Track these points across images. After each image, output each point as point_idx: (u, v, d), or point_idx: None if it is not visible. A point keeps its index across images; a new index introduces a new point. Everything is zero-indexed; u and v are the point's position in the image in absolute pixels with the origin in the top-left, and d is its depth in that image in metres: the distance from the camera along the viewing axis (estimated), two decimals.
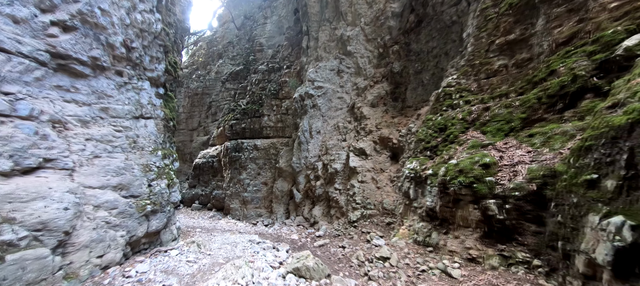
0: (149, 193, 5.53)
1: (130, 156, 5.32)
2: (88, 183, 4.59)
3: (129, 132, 5.41)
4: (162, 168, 5.98)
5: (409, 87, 12.06)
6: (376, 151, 11.02)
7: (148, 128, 5.83)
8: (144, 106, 5.78)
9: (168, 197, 6.04)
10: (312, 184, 11.86)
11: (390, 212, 9.24)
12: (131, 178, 5.24)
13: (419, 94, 11.74)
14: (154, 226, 5.71)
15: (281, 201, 13.01)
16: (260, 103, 14.94)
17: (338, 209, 10.78)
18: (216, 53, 25.43)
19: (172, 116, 6.68)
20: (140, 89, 5.69)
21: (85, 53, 4.73)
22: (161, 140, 6.14)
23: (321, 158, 11.81)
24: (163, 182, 5.88)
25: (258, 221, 13.15)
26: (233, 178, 14.59)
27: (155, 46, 5.91)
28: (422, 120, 9.86)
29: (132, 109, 5.50)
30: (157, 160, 5.91)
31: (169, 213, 6.10)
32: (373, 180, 10.48)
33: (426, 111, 9.95)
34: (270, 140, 13.89)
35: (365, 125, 11.33)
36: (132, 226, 5.09)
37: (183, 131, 25.57)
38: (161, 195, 5.80)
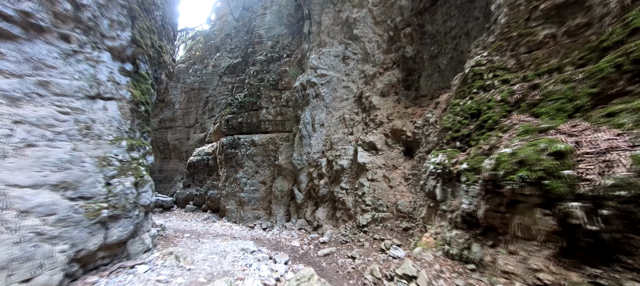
0: (106, 194, 4.29)
1: (81, 146, 4.09)
2: (13, 180, 3.37)
3: (81, 115, 4.17)
4: (127, 163, 4.74)
5: (423, 73, 10.73)
6: (388, 145, 9.73)
7: (108, 112, 4.60)
8: (103, 84, 4.54)
9: (135, 199, 4.80)
10: (315, 183, 10.60)
11: (406, 215, 7.94)
12: (80, 174, 4.00)
13: (435, 82, 10.41)
14: (116, 235, 4.47)
15: (281, 202, 11.76)
16: (258, 95, 13.70)
17: (345, 211, 9.50)
18: (213, 46, 24.26)
19: (144, 100, 5.44)
20: (97, 61, 4.45)
21: (10, 5, 3.50)
22: (127, 127, 4.90)
23: (325, 154, 10.54)
24: (128, 180, 4.63)
25: (256, 224, 11.91)
26: (229, 177, 13.37)
27: (116, 7, 4.67)
28: (443, 108, 8.56)
29: (85, 85, 4.27)
30: (121, 152, 4.67)
31: (137, 219, 4.86)
32: (385, 178, 9.19)
33: (448, 98, 8.64)
34: (268, 135, 12.65)
35: (374, 116, 10.03)
36: (79, 237, 3.85)
37: (180, 128, 24.44)
38: (124, 196, 4.55)
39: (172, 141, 24.56)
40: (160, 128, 25.20)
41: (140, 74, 5.63)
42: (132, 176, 4.75)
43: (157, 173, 25.55)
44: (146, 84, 5.75)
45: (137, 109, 5.25)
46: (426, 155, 8.59)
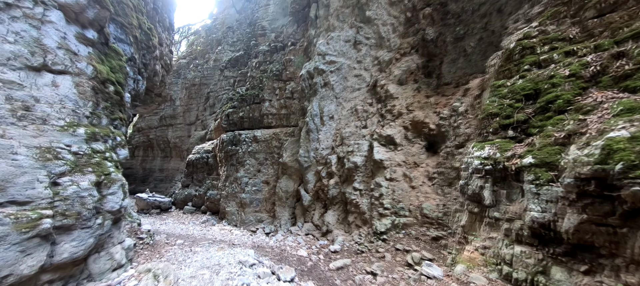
0: (51, 198, 3.18)
1: (12, 132, 2.99)
2: None
3: (16, 91, 3.08)
4: (86, 156, 3.62)
5: (446, 59, 9.45)
6: (408, 139, 8.49)
7: (60, 89, 3.49)
8: (52, 52, 3.43)
9: (97, 203, 3.69)
10: (323, 183, 9.42)
11: (434, 221, 6.70)
12: (9, 169, 2.90)
13: (460, 67, 9.12)
14: (67, 252, 3.37)
15: (286, 204, 10.62)
16: (260, 87, 12.58)
17: (359, 215, 8.30)
18: (215, 40, 23.28)
19: (115, 79, 4.33)
20: (42, 21, 3.34)
21: None
22: (87, 111, 3.79)
23: (335, 150, 9.35)
24: (85, 179, 3.52)
25: (258, 227, 10.80)
26: (229, 176, 12.29)
27: None
28: (476, 94, 7.29)
29: (24, 52, 3.17)
30: (76, 142, 3.56)
31: (100, 229, 3.74)
32: (405, 177, 7.96)
33: (481, 83, 7.37)
34: (272, 130, 11.52)
35: (392, 107, 8.80)
36: (2, 259, 2.73)
37: (180, 125, 23.54)
38: (80, 200, 3.44)
39: (173, 139, 23.67)
40: (160, 126, 24.34)
41: (111, 48, 4.52)
42: (92, 174, 3.63)
43: (157, 173, 24.71)
44: (118, 60, 4.64)
45: (104, 89, 4.13)
46: (456, 150, 7.34)
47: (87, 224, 3.59)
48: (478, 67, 8.62)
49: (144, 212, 14.45)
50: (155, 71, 12.45)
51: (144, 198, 14.75)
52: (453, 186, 7.12)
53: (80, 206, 3.46)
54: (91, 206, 3.59)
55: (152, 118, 24.64)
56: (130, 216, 7.85)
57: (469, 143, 7.04)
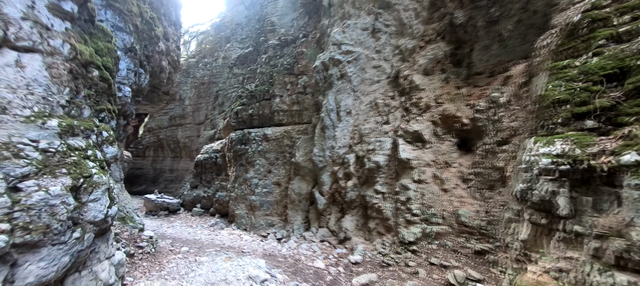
0: (9, 207, 2.48)
1: None
2: None
3: None
4: (59, 155, 2.92)
5: (477, 45, 8.40)
6: (437, 135, 7.52)
7: (26, 71, 2.81)
8: (15, 24, 2.74)
9: (74, 212, 2.98)
10: (340, 185, 8.56)
11: (475, 231, 5.72)
12: None
13: (495, 54, 8.06)
14: (34, 274, 2.69)
15: (299, 207, 9.82)
16: (270, 82, 11.85)
17: (382, 221, 7.40)
18: (224, 38, 22.82)
19: (101, 63, 3.62)
20: None
21: None
22: (64, 99, 3.09)
23: (353, 148, 8.48)
24: (56, 183, 2.81)
25: (269, 232, 10.05)
26: (238, 177, 11.61)
27: None
28: (520, 82, 6.26)
29: None
30: (45, 137, 2.86)
31: (79, 244, 3.04)
32: (435, 179, 7.00)
33: (525, 69, 6.34)
34: (283, 128, 10.76)
35: (418, 99, 7.85)
36: None
37: (190, 125, 23.23)
38: (49, 210, 2.74)
39: (183, 139, 23.39)
40: (170, 126, 24.12)
41: (97, 27, 3.82)
42: (67, 177, 2.92)
43: (167, 173, 24.50)
44: (106, 41, 3.93)
45: (86, 73, 3.42)
46: (497, 147, 6.33)
47: (60, 240, 2.87)
48: (517, 52, 7.57)
49: (152, 214, 14.02)
50: (161, 67, 11.93)
51: (152, 200, 14.32)
52: (495, 190, 6.11)
53: (49, 217, 2.74)
54: (65, 217, 2.87)
55: (162, 118, 24.45)
56: (132, 221, 7.25)
57: (515, 138, 6.02)
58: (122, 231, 5.70)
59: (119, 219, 6.71)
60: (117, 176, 7.64)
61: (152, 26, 7.72)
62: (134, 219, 7.49)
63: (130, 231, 6.12)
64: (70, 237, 2.96)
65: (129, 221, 7.03)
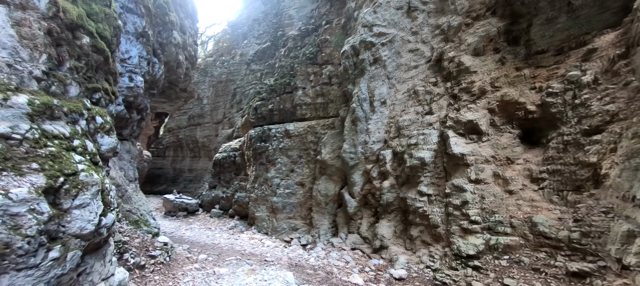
0: None
1: None
2: None
3: None
4: (28, 144, 2.08)
5: (537, 20, 7.04)
6: (494, 126, 6.26)
7: None
8: None
9: (52, 223, 2.15)
10: (374, 185, 7.49)
11: (564, 245, 4.45)
12: None
13: (561, 28, 6.68)
14: None
15: (325, 210, 8.84)
16: (291, 75, 10.98)
17: (428, 228, 6.25)
18: (241, 35, 22.36)
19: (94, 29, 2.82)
20: None
21: None
22: (39, 70, 2.27)
23: (390, 143, 7.37)
24: (23, 183, 1.99)
25: (293, 237, 9.16)
26: (258, 177, 10.83)
27: None
28: (611, 56, 4.89)
29: None
30: (5, 117, 2.01)
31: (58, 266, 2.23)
32: (496, 178, 5.76)
33: (619, 37, 4.97)
34: (306, 123, 9.83)
35: (469, 84, 6.62)
36: None
37: (208, 124, 22.98)
38: (11, 222, 1.88)
39: (201, 139, 23.19)
40: (189, 125, 24.03)
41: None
42: (39, 174, 2.11)
43: (187, 173, 24.44)
44: (104, 5, 3.12)
45: (72, 39, 2.61)
46: (584, 138, 5.00)
47: (28, 263, 2.05)
48: (594, 23, 6.20)
49: (171, 214, 13.62)
50: (178, 62, 11.40)
51: (171, 200, 13.92)
52: (584, 192, 4.79)
53: (9, 231, 1.92)
54: (35, 230, 2.05)
55: (181, 118, 24.43)
56: (146, 224, 6.59)
57: (613, 124, 4.66)
58: (132, 238, 5.00)
59: (132, 222, 6.05)
60: (131, 175, 7.03)
61: (166, 11, 7.05)
62: (149, 223, 6.84)
63: (143, 237, 5.41)
64: (44, 258, 2.13)
65: (142, 225, 6.37)
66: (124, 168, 6.65)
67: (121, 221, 5.45)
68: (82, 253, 2.46)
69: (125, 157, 6.73)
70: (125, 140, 6.97)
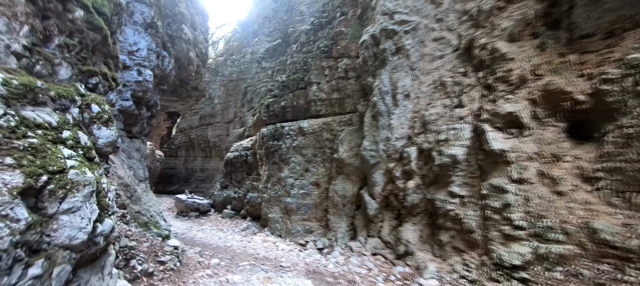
0: None
1: None
2: None
3: None
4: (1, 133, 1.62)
5: (580, 1, 6.27)
6: (537, 118, 5.56)
7: None
8: None
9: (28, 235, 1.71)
10: (397, 185, 6.90)
11: (635, 257, 3.77)
12: None
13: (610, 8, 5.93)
14: None
15: (342, 212, 8.32)
16: (305, 69, 10.52)
17: (461, 234, 5.62)
18: (251, 33, 22.12)
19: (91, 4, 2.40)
20: None
21: None
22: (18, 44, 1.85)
23: (415, 140, 6.77)
24: None
25: (308, 240, 8.68)
26: (271, 177, 10.43)
27: None
28: None
29: None
30: None
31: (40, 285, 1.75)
32: (542, 178, 5.07)
33: None
34: (321, 119, 9.33)
35: (506, 72, 5.94)
36: None
37: (219, 124, 22.89)
38: None
39: (212, 139, 23.13)
40: (200, 125, 24.03)
41: None
42: (14, 171, 1.70)
43: (199, 173, 24.45)
44: None
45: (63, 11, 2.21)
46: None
47: (1, 283, 1.63)
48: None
49: (183, 214, 13.45)
50: (189, 59, 11.14)
51: (183, 200, 13.75)
52: None
53: None
54: (8, 242, 1.64)
55: (193, 118, 24.48)
56: (156, 226, 6.26)
57: None
58: (141, 242, 4.65)
59: (141, 224, 5.72)
60: (141, 174, 6.73)
61: (176, 1, 6.70)
62: (159, 224, 6.52)
63: (152, 241, 5.06)
64: (22, 276, 1.71)
65: (152, 227, 6.04)
66: (134, 167, 6.34)
67: (129, 223, 5.12)
68: (72, 267, 2.04)
69: (134, 155, 6.43)
70: (134, 138, 6.67)
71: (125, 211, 5.03)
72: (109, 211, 2.32)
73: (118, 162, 5.44)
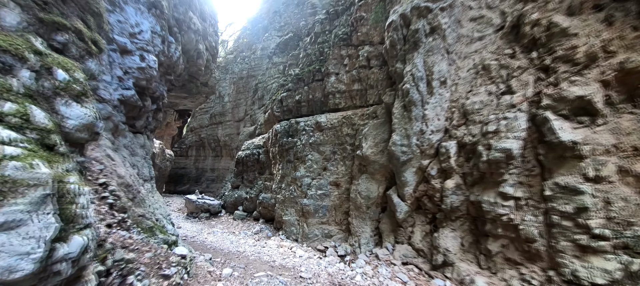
0: None
1: None
2: None
3: None
4: None
5: None
6: (611, 104, 4.58)
7: None
8: None
9: None
10: (433, 185, 6.02)
11: None
12: None
13: None
14: None
15: (366, 215, 7.50)
16: (321, 60, 9.75)
17: (516, 243, 4.71)
18: (261, 29, 21.54)
19: None
20: None
21: None
22: None
23: (453, 133, 5.88)
24: None
25: (327, 246, 7.91)
26: (285, 176, 9.71)
27: None
28: None
29: None
30: None
31: None
32: (623, 175, 4.11)
33: None
34: (340, 113, 8.53)
35: (569, 50, 4.97)
36: None
37: (229, 122, 22.42)
38: None
39: (223, 138, 22.69)
40: (211, 124, 23.64)
41: None
42: None
43: (209, 172, 24.09)
44: None
45: None
46: None
47: None
48: None
49: (193, 216, 12.92)
50: (198, 52, 10.56)
51: (193, 200, 13.23)
52: None
53: None
54: None
55: (203, 117, 24.13)
56: (162, 231, 5.62)
57: None
58: (142, 251, 3.99)
59: (145, 230, 5.08)
60: (147, 173, 6.12)
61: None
62: (166, 229, 5.88)
63: (156, 249, 4.40)
64: None
65: (158, 232, 5.40)
66: (138, 165, 5.73)
67: (131, 229, 4.47)
68: None
69: (138, 152, 5.81)
70: (139, 133, 6.06)
71: (126, 215, 4.40)
72: (79, 223, 1.60)
73: (118, 159, 4.82)
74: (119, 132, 5.09)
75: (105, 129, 4.74)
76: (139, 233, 4.91)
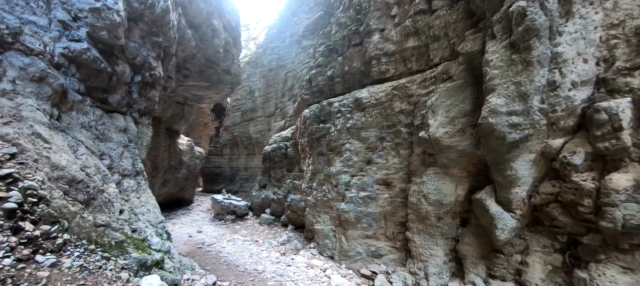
0: None
1: None
2: None
3: None
4: None
5: None
6: None
7: None
8: None
9: None
10: (577, 183, 3.30)
11: None
12: None
13: None
14: None
15: (436, 230, 4.96)
16: (359, 20, 7.43)
17: None
18: (290, 15, 19.91)
19: None
20: None
21: None
22: None
23: (616, 84, 3.11)
24: None
25: (375, 270, 5.57)
26: (317, 173, 7.61)
27: None
28: None
29: None
30: None
31: None
32: None
33: None
34: (389, 84, 6.09)
35: None
36: None
37: (260, 118, 21.28)
38: None
39: (255, 135, 21.66)
40: (242, 121, 22.84)
41: None
42: None
43: (242, 171, 23.30)
44: None
45: None
46: None
47: None
48: None
49: (218, 218, 11.66)
50: (213, 29, 9.01)
51: (219, 201, 11.97)
52: None
53: None
54: None
55: (235, 114, 23.52)
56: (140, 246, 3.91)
57: None
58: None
59: (107, 247, 3.39)
60: (128, 166, 4.51)
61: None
62: (148, 242, 4.19)
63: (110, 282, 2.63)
64: None
65: (132, 249, 3.69)
66: (111, 155, 4.13)
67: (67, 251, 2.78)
68: None
69: (113, 137, 4.22)
70: (116, 112, 4.49)
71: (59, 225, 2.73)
72: None
73: (60, 142, 3.19)
74: (68, 103, 3.48)
75: (37, 95, 3.14)
76: (89, 253, 3.21)
